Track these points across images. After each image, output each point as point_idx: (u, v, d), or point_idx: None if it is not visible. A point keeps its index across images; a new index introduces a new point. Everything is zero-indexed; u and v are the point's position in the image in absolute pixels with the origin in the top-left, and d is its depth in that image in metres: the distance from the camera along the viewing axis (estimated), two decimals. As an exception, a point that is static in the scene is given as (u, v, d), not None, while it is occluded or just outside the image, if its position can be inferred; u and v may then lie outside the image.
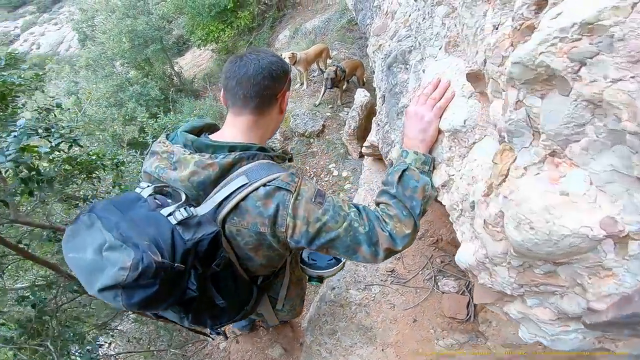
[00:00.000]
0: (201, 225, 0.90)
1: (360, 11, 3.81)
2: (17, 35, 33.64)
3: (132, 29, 9.05)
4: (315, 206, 0.97)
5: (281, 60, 1.10)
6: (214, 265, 0.94)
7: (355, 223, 1.00)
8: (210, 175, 0.96)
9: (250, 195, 0.95)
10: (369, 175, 3.28)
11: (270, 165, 1.03)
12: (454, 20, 1.30)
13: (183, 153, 1.01)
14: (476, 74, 1.07)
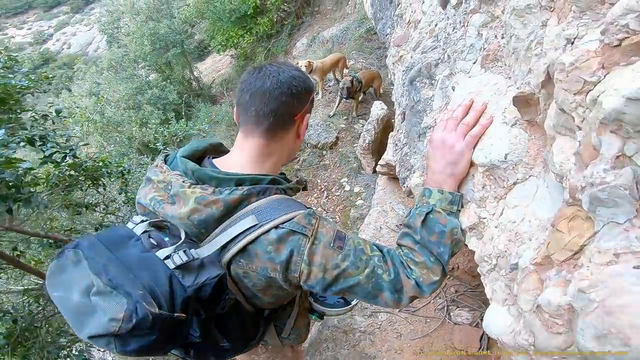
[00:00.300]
0: (204, 267, 0.81)
1: (380, 20, 3.64)
2: (50, 34, 34.95)
3: (154, 32, 9.16)
4: (334, 251, 0.88)
5: (304, 76, 0.99)
6: (219, 308, 0.86)
7: (378, 269, 0.91)
8: (214, 213, 0.86)
9: (260, 238, 0.85)
10: (383, 195, 3.07)
11: (283, 201, 0.91)
12: (494, 31, 1.09)
13: (182, 185, 0.89)
14: (527, 98, 0.86)
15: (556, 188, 0.76)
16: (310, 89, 1.00)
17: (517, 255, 0.85)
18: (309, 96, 1.00)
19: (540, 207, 0.83)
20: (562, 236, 0.67)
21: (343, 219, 4.41)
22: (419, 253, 0.95)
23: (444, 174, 1.00)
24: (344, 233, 0.93)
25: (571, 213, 0.66)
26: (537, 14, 0.79)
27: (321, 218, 0.92)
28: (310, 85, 1.01)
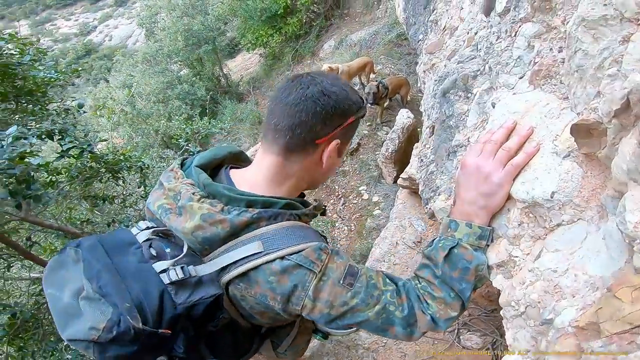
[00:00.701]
0: (201, 285, 0.80)
1: (413, 25, 3.49)
2: (94, 26, 36.54)
3: (188, 28, 9.33)
4: (343, 289, 0.83)
5: (343, 96, 0.85)
6: (211, 325, 0.85)
7: (390, 306, 0.86)
8: (219, 233, 0.81)
9: (262, 266, 0.81)
10: (402, 210, 2.91)
11: (295, 230, 0.85)
12: (549, 43, 0.93)
13: (191, 198, 0.84)
14: (589, 127, 0.71)
15: (617, 244, 0.64)
16: (346, 112, 0.86)
17: (553, 311, 0.75)
18: (342, 120, 0.86)
19: (591, 261, 0.71)
20: (621, 305, 0.57)
21: (359, 227, 4.28)
22: (438, 288, 0.89)
23: (476, 205, 0.88)
24: (357, 268, 0.86)
25: (639, 283, 0.56)
26: (616, 27, 0.64)
27: (333, 252, 0.85)
28: (346, 108, 0.85)
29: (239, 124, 7.76)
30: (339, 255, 0.86)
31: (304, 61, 8.77)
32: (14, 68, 2.13)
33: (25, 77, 2.21)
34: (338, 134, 0.87)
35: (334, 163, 0.93)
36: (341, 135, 0.88)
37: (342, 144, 0.90)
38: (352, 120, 0.87)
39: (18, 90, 2.21)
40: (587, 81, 0.71)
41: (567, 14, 0.84)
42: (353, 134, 0.95)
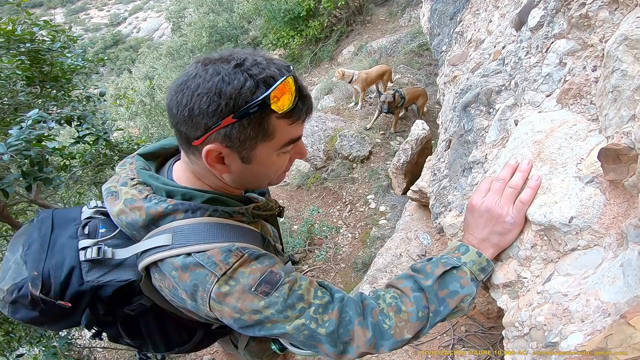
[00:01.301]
0: (119, 268, 0.83)
1: (436, 36, 3.45)
2: (124, 18, 37.33)
3: (213, 24, 9.44)
4: (254, 297, 0.75)
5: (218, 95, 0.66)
6: (129, 310, 0.87)
7: (312, 323, 0.77)
8: (137, 220, 0.80)
9: (166, 260, 0.77)
10: (410, 222, 2.86)
11: (212, 226, 0.79)
12: (583, 61, 0.89)
13: (126, 182, 0.84)
14: (619, 153, 0.67)
15: (636, 272, 0.61)
16: (217, 112, 0.66)
17: (560, 334, 0.72)
18: (211, 121, 0.67)
19: (606, 288, 0.68)
20: (634, 333, 0.56)
21: (363, 236, 4.23)
22: (410, 302, 0.82)
23: (488, 242, 0.88)
24: (279, 276, 0.77)
25: None
26: (661, 45, 0.60)
27: (251, 256, 0.77)
28: (221, 108, 0.66)
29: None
30: (259, 260, 0.78)
31: (321, 65, 8.77)
32: (44, 54, 2.17)
33: (53, 63, 2.24)
34: (215, 139, 0.70)
35: (258, 168, 0.77)
36: (223, 140, 0.70)
37: (232, 150, 0.72)
38: (227, 123, 0.67)
39: (44, 75, 2.24)
40: (622, 103, 0.67)
41: (606, 32, 0.80)
42: (251, 142, 0.71)
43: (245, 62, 0.67)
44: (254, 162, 0.76)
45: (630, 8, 0.75)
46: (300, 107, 0.72)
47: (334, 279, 3.99)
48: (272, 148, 0.75)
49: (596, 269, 0.73)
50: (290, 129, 0.74)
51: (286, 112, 0.69)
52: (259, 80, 0.66)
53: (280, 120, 0.71)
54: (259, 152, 0.74)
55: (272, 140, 0.73)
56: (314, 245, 4.26)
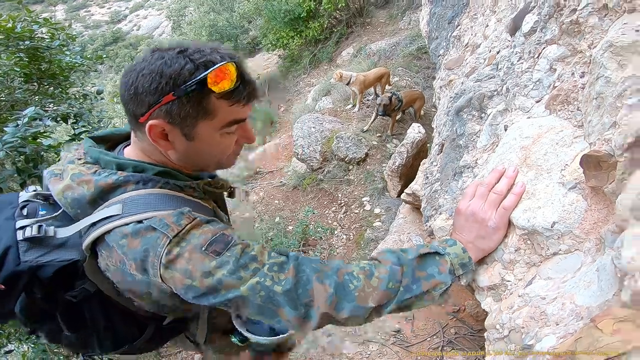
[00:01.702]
0: (62, 248, 0.79)
1: (435, 40, 3.47)
2: (125, 15, 37.24)
3: (213, 23, 9.43)
4: (205, 256, 0.73)
5: (159, 72, 0.72)
6: (70, 295, 0.82)
7: (266, 280, 0.74)
8: (85, 194, 0.78)
9: (115, 229, 0.75)
10: (403, 224, 2.87)
11: (163, 197, 0.80)
12: (572, 67, 0.90)
13: (72, 161, 0.84)
14: (599, 159, 0.68)
15: (609, 277, 0.63)
16: (158, 89, 0.72)
17: (535, 337, 0.74)
18: (153, 98, 0.73)
19: (581, 291, 0.70)
20: (601, 336, 0.57)
21: (357, 237, 4.24)
22: (386, 270, 0.80)
23: (473, 244, 0.89)
24: (231, 237, 0.76)
25: (623, 316, 0.56)
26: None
27: (202, 220, 0.77)
28: (162, 86, 0.72)
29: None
30: (211, 224, 0.77)
31: (320, 66, 8.78)
32: (43, 51, 2.18)
33: (51, 60, 2.25)
34: (157, 114, 0.74)
35: (201, 146, 0.80)
36: (165, 117, 0.74)
37: (172, 125, 0.76)
38: (168, 100, 0.72)
39: (42, 72, 2.25)
40: (605, 110, 0.68)
41: (595, 38, 0.81)
42: (192, 120, 0.75)
43: (188, 49, 0.74)
44: (196, 140, 0.79)
45: (618, 14, 0.76)
46: (241, 90, 0.76)
47: (328, 280, 3.99)
48: (214, 127, 0.78)
49: (575, 273, 0.75)
50: (231, 110, 0.77)
51: (225, 92, 0.73)
52: (199, 63, 0.72)
53: (221, 101, 0.75)
54: (201, 130, 0.78)
55: (213, 119, 0.77)
56: (308, 246, 4.26)
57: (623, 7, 0.73)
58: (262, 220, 4.73)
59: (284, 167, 5.59)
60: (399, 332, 2.44)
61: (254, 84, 0.79)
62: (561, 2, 0.96)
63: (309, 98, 7.07)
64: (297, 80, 8.98)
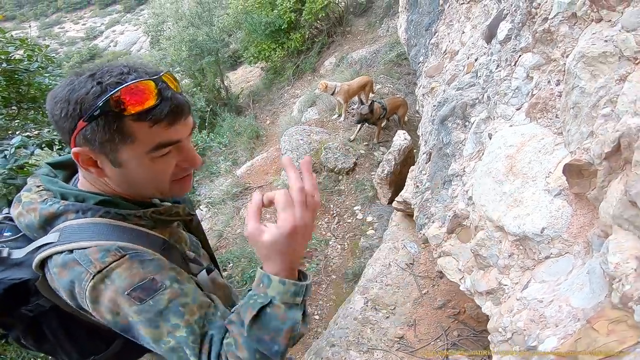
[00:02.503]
0: (14, 268, 0.82)
1: (414, 47, 3.53)
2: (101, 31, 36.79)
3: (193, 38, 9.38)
4: (127, 300, 0.72)
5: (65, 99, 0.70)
6: (26, 310, 0.85)
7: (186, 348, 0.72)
8: (33, 221, 0.81)
9: (51, 257, 0.77)
10: (396, 232, 2.90)
11: (99, 226, 0.79)
12: (547, 76, 0.93)
13: (30, 189, 0.86)
14: (580, 168, 0.71)
15: (599, 280, 0.66)
16: (71, 116, 0.70)
17: (537, 338, 0.77)
18: (70, 126, 0.71)
19: (575, 293, 0.73)
20: (597, 336, 0.62)
21: (352, 246, 4.24)
22: (243, 347, 0.74)
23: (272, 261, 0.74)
24: (161, 285, 0.74)
25: (616, 317, 0.60)
26: (615, 64, 0.63)
27: (133, 258, 0.74)
28: (71, 112, 0.69)
29: (236, 137, 7.75)
30: (143, 265, 0.74)
31: (304, 77, 8.83)
32: (21, 74, 2.11)
33: (30, 83, 2.19)
34: (79, 142, 0.72)
35: (131, 173, 0.77)
36: (85, 143, 0.72)
37: (97, 153, 0.73)
38: (81, 126, 0.69)
39: (22, 95, 2.19)
40: (582, 120, 0.71)
41: (567, 47, 0.84)
42: (111, 145, 0.72)
43: (99, 72, 0.71)
44: (124, 166, 0.76)
45: (587, 23, 0.79)
46: (162, 109, 0.70)
47: (326, 290, 3.97)
48: (138, 152, 0.74)
49: (567, 276, 0.78)
50: (153, 132, 0.72)
51: (140, 113, 0.68)
52: (106, 84, 0.68)
53: (138, 123, 0.70)
54: (125, 156, 0.74)
55: (134, 143, 0.72)
56: (304, 258, 4.25)
57: (591, 17, 0.76)
58: (255, 236, 4.69)
59: (274, 181, 5.56)
60: (402, 338, 2.45)
61: (178, 101, 0.73)
62: (532, 11, 0.99)
63: (295, 110, 7.10)
64: (281, 92, 9.00)
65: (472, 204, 1.11)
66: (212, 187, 6.30)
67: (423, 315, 2.57)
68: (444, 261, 1.40)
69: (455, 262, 1.33)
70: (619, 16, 0.67)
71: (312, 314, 3.80)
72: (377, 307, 2.71)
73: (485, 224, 1.01)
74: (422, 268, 2.83)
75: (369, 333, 2.55)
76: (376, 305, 2.72)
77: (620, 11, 0.67)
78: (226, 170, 6.70)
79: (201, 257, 1.03)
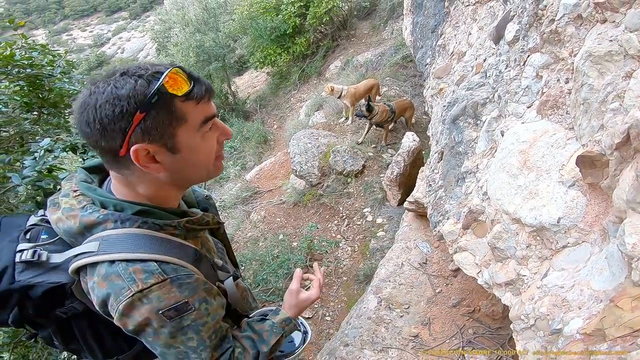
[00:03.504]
0: (52, 272, 0.86)
1: (420, 49, 3.57)
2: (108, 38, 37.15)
3: (200, 44, 9.48)
4: (158, 318, 0.80)
5: (113, 99, 0.72)
6: (60, 312, 0.89)
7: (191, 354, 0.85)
8: (72, 227, 0.84)
9: (90, 266, 0.82)
10: (408, 232, 2.92)
11: (138, 237, 0.83)
12: (557, 74, 0.97)
13: (67, 194, 0.88)
14: (593, 159, 0.74)
15: (618, 262, 0.69)
16: (125, 114, 0.72)
17: (561, 321, 0.80)
18: (124, 123, 0.72)
19: (595, 278, 0.76)
20: (622, 313, 0.65)
21: (362, 248, 4.26)
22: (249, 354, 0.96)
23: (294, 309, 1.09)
24: (191, 307, 0.83)
25: (638, 294, 0.63)
26: (620, 62, 0.67)
27: (173, 282, 0.80)
28: (126, 110, 0.71)
29: (245, 142, 7.83)
30: (180, 289, 0.81)
31: (310, 81, 8.89)
32: (42, 79, 2.14)
33: (51, 88, 2.21)
34: (135, 139, 0.74)
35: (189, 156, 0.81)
36: (144, 137, 0.74)
37: (155, 144, 0.76)
38: (139, 119, 0.72)
39: (43, 100, 2.21)
40: (592, 114, 0.75)
41: (574, 47, 0.88)
42: (169, 129, 0.76)
43: (129, 70, 0.75)
44: (182, 150, 0.80)
45: (592, 24, 0.83)
46: (200, 87, 0.77)
47: (337, 292, 4.00)
48: (192, 130, 0.79)
49: (586, 262, 0.81)
50: (199, 108, 0.78)
51: (187, 93, 0.75)
52: (148, 76, 0.73)
53: (186, 103, 0.76)
54: (182, 138, 0.78)
55: (187, 122, 0.78)
56: (314, 260, 4.28)
57: (596, 18, 0.80)
58: (265, 239, 4.74)
59: (283, 184, 5.61)
60: (417, 336, 2.46)
61: (206, 81, 0.80)
62: (539, 12, 1.03)
63: (302, 114, 7.16)
64: (287, 97, 9.07)
65: (487, 199, 1.14)
66: (222, 191, 6.38)
67: (437, 313, 2.57)
68: (460, 257, 1.43)
69: (471, 257, 1.36)
70: (622, 17, 0.71)
71: (324, 316, 3.83)
72: (391, 306, 2.72)
73: (501, 217, 1.04)
74: (435, 267, 2.84)
75: (383, 332, 2.56)
76: (390, 304, 2.73)
77: (623, 12, 0.71)
78: (235, 175, 6.78)
79: (227, 263, 1.09)
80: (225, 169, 6.91)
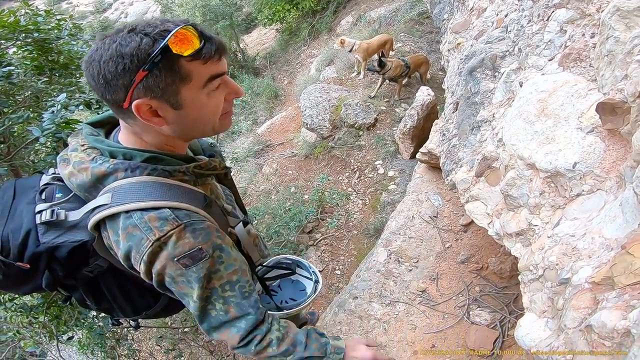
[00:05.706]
0: (72, 230, 0.86)
1: (437, 4, 3.47)
2: (110, 4, 35.64)
3: (206, 3, 9.19)
4: (174, 264, 0.81)
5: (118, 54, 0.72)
6: (87, 271, 0.90)
7: (213, 305, 0.85)
8: (85, 180, 0.84)
9: (108, 219, 0.82)
10: (420, 184, 3.00)
11: (148, 185, 0.82)
12: (582, 29, 1.01)
13: (76, 148, 0.87)
14: (614, 106, 0.79)
15: (632, 209, 0.71)
16: (127, 70, 0.72)
17: (570, 270, 0.81)
18: (128, 80, 0.73)
19: (608, 226, 0.77)
20: (633, 260, 0.63)
21: (373, 202, 4.37)
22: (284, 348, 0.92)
23: None
24: (205, 254, 0.83)
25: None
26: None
27: (186, 227, 0.81)
28: (129, 66, 0.72)
29: (255, 97, 7.80)
30: (195, 235, 0.81)
31: (320, 37, 8.63)
32: (50, 43, 2.17)
33: (60, 51, 2.24)
34: (137, 94, 0.74)
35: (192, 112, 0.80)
36: (146, 93, 0.74)
37: (157, 100, 0.76)
38: (141, 76, 0.72)
39: (53, 63, 2.24)
40: (616, 65, 0.79)
41: (602, 3, 0.91)
42: (172, 87, 0.76)
43: (137, 26, 0.74)
44: (185, 106, 0.79)
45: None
46: (209, 47, 0.75)
47: (347, 245, 4.15)
48: (196, 88, 0.78)
49: (600, 212, 0.81)
50: (205, 68, 0.77)
51: (194, 53, 0.73)
52: (154, 34, 0.72)
53: (193, 63, 0.75)
54: (185, 95, 0.77)
55: (192, 81, 0.76)
56: (325, 213, 4.43)
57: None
58: (277, 192, 4.86)
59: (294, 138, 5.65)
60: (425, 291, 2.50)
61: (217, 39, 0.78)
62: (567, -35, 1.04)
63: (312, 69, 7.04)
64: (297, 53, 8.86)
65: (502, 145, 1.17)
66: (234, 145, 6.47)
67: (446, 269, 2.60)
68: (472, 206, 1.45)
69: (483, 207, 1.37)
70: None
71: (334, 270, 3.98)
72: (400, 259, 2.75)
73: (515, 162, 1.06)
74: (445, 221, 2.87)
75: (392, 286, 2.60)
76: (399, 257, 2.76)
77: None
78: (247, 130, 6.84)
79: (236, 209, 1.09)
80: (236, 123, 6.95)
